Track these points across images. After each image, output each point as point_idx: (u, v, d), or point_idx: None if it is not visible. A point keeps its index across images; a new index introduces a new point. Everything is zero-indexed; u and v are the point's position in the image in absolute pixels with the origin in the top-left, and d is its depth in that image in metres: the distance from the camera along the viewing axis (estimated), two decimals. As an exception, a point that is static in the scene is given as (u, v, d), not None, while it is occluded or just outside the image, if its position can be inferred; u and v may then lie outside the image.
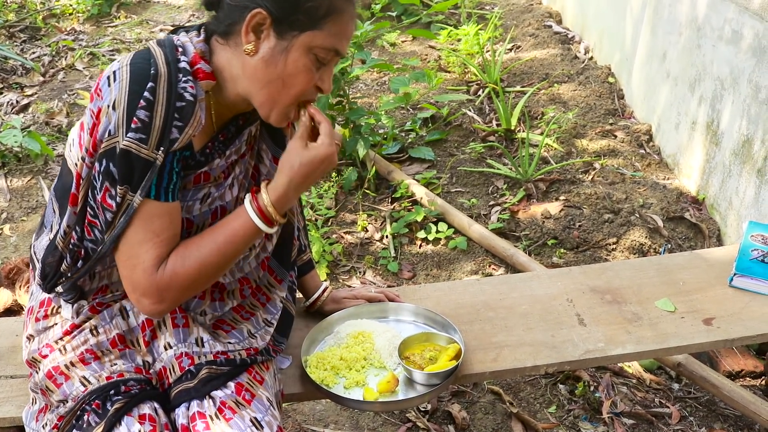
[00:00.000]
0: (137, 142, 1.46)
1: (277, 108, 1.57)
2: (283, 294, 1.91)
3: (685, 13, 3.91)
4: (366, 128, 4.05)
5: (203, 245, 1.60)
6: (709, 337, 2.01)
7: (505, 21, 6.37)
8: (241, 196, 1.72)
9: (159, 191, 1.52)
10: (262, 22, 1.48)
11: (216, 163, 1.64)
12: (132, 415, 1.55)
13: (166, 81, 1.48)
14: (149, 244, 1.54)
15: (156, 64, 1.49)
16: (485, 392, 2.80)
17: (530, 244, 3.52)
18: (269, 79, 1.53)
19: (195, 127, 1.52)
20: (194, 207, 1.64)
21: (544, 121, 4.57)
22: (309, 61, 1.52)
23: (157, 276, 1.55)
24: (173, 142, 1.49)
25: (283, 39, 1.50)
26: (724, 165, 3.50)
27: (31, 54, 6.35)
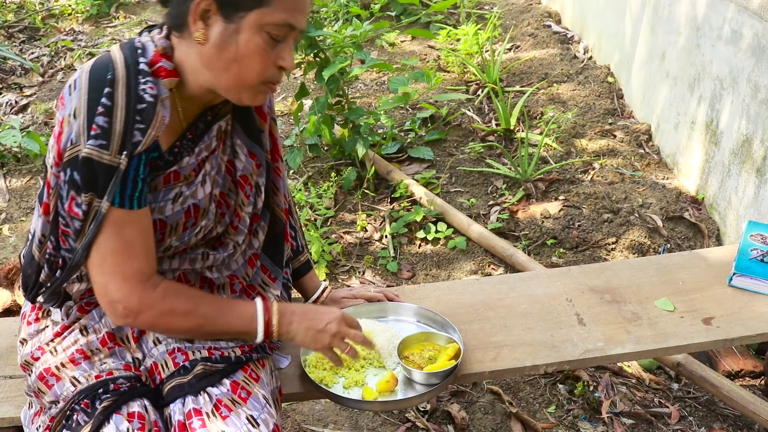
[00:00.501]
0: (98, 148, 1.46)
1: (244, 91, 1.55)
2: (277, 292, 1.91)
3: (685, 12, 3.91)
4: (365, 128, 4.05)
5: (204, 301, 1.65)
6: (708, 337, 2.01)
7: (504, 21, 6.37)
8: (215, 192, 1.71)
9: (123, 199, 1.52)
10: (207, 8, 1.46)
11: (185, 161, 1.63)
12: (121, 413, 1.55)
13: (125, 84, 1.47)
14: (124, 255, 1.55)
15: (114, 68, 1.49)
16: (484, 392, 2.79)
17: (529, 244, 3.52)
18: (225, 65, 1.50)
19: (157, 127, 1.51)
20: (166, 207, 1.63)
21: (543, 120, 4.57)
22: (262, 40, 1.49)
23: (142, 291, 1.57)
24: (136, 145, 1.48)
25: (231, 21, 1.47)
26: (723, 165, 3.50)
27: (30, 54, 6.35)
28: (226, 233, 1.80)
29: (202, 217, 1.70)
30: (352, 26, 3.83)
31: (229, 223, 1.79)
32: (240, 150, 1.75)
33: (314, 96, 4.31)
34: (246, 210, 1.79)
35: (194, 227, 1.69)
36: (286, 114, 5.05)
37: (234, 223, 1.79)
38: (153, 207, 1.60)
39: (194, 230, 1.69)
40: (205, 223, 1.71)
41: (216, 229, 1.76)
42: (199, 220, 1.69)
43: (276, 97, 5.40)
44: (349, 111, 3.97)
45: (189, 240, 1.70)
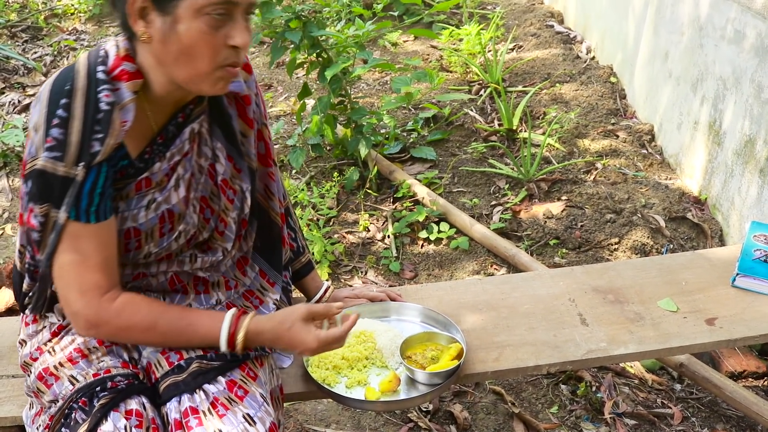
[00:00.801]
0: (52, 160, 1.46)
1: (202, 80, 1.51)
2: (277, 296, 1.91)
3: (688, 12, 3.91)
4: (368, 128, 4.04)
5: (166, 315, 1.64)
6: (711, 338, 2.00)
7: (506, 21, 6.37)
8: (193, 196, 1.69)
9: (79, 213, 1.52)
10: (143, 5, 1.44)
11: (157, 167, 1.62)
12: (119, 410, 1.54)
13: (84, 94, 1.48)
14: (81, 268, 1.56)
15: (75, 78, 1.49)
16: (487, 392, 2.79)
17: (532, 244, 3.52)
18: (174, 58, 1.47)
19: (116, 135, 1.50)
20: (139, 215, 1.62)
21: (545, 121, 4.57)
22: (203, 24, 1.44)
23: (99, 304, 1.58)
24: (95, 156, 1.48)
25: (167, 14, 1.43)
26: (726, 165, 3.50)
27: (33, 54, 6.35)
28: (213, 239, 1.78)
29: (179, 221, 1.68)
30: (355, 26, 3.83)
31: (215, 228, 1.77)
32: (221, 153, 1.72)
33: (317, 96, 4.32)
34: (231, 215, 1.77)
35: (172, 232, 1.68)
36: (288, 114, 5.05)
37: (219, 229, 1.77)
38: (126, 215, 1.61)
39: (172, 235, 1.68)
40: (184, 228, 1.69)
41: (201, 234, 1.75)
42: (176, 225, 1.68)
43: (279, 97, 5.40)
44: (352, 111, 3.96)
45: (170, 245, 1.69)
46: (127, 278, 1.73)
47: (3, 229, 3.92)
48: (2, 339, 2.12)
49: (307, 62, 3.98)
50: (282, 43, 3.82)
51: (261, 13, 3.63)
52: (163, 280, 1.76)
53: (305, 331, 1.63)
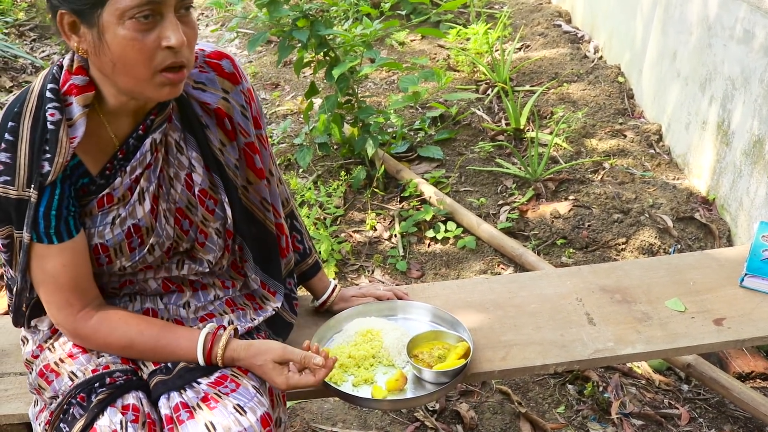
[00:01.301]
0: (3, 185, 1.49)
1: (144, 87, 1.47)
2: (277, 304, 1.90)
3: (696, 12, 3.89)
4: (375, 127, 4.04)
5: (143, 335, 1.65)
6: (719, 338, 1.99)
7: (514, 20, 6.36)
8: (160, 209, 1.66)
9: (39, 235, 1.54)
10: (71, 20, 1.41)
11: (117, 182, 1.60)
12: (115, 405, 1.55)
13: (31, 116, 1.48)
14: (51, 287, 1.60)
15: (26, 100, 1.50)
16: (494, 392, 2.79)
17: (539, 244, 3.51)
18: (111, 69, 1.44)
19: (64, 153, 1.49)
20: (105, 232, 1.62)
21: (553, 120, 4.56)
22: (128, 30, 1.38)
23: (74, 321, 1.63)
24: (46, 176, 1.49)
25: (92, 25, 1.40)
26: (734, 165, 3.49)
27: (41, 53, 6.37)
28: (194, 249, 1.75)
29: (149, 235, 1.66)
30: (362, 25, 3.83)
31: (195, 239, 1.74)
32: (197, 163, 1.68)
33: (324, 95, 4.31)
34: (213, 226, 1.73)
35: (142, 246, 1.66)
36: (295, 113, 5.05)
37: (200, 240, 1.73)
38: (92, 231, 1.61)
39: (143, 249, 1.67)
40: (156, 241, 1.67)
41: (181, 245, 1.73)
42: (147, 239, 1.66)
43: (286, 96, 5.40)
44: (359, 110, 3.96)
45: (144, 258, 1.68)
46: (114, 284, 1.74)
47: (11, 226, 3.93)
48: (9, 337, 2.13)
49: (314, 61, 3.98)
50: (289, 42, 3.82)
51: (268, 11, 3.63)
52: (156, 286, 1.76)
53: (275, 373, 1.62)
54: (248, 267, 1.85)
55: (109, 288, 1.74)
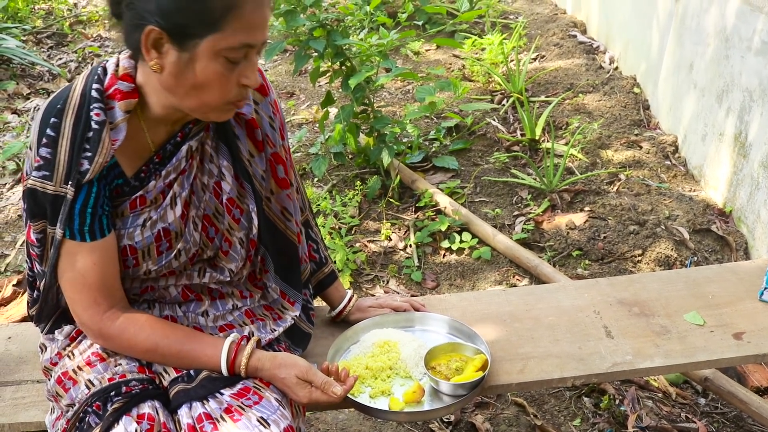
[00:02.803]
0: (41, 179, 1.49)
1: (209, 111, 1.52)
2: (296, 313, 1.90)
3: (713, 23, 3.88)
4: (390, 137, 4.04)
5: (168, 339, 1.65)
6: (739, 352, 1.98)
7: (529, 30, 6.36)
8: (193, 215, 1.69)
9: (73, 232, 1.54)
10: (159, 37, 1.40)
11: (151, 185, 1.62)
12: (131, 414, 1.55)
13: (74, 114, 1.49)
14: (79, 285, 1.59)
15: (68, 97, 1.50)
16: (509, 404, 2.78)
17: (555, 255, 3.50)
18: (185, 91, 1.47)
19: (104, 154, 1.51)
20: (135, 233, 1.63)
21: (568, 131, 4.55)
22: (219, 65, 1.43)
23: (100, 321, 1.62)
24: (84, 174, 1.50)
25: (184, 50, 1.42)
26: (752, 177, 3.47)
27: (58, 60, 6.42)
28: (217, 258, 1.77)
29: (177, 240, 1.67)
30: (379, 35, 3.83)
31: (219, 247, 1.75)
32: (227, 172, 1.70)
33: (340, 104, 4.32)
34: (237, 235, 1.74)
35: (170, 250, 1.68)
36: (311, 122, 5.06)
37: (224, 248, 1.75)
38: (123, 233, 1.62)
39: (171, 253, 1.68)
40: (183, 246, 1.68)
41: (205, 253, 1.74)
42: (175, 244, 1.68)
43: (301, 105, 5.42)
44: (375, 120, 3.97)
45: (169, 263, 1.69)
46: (135, 291, 1.75)
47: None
48: (27, 344, 2.14)
49: (330, 71, 3.99)
50: (305, 52, 3.83)
51: (285, 21, 3.64)
52: (176, 294, 1.77)
53: (298, 387, 1.64)
54: (268, 277, 1.86)
55: (130, 294, 1.74)
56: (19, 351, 2.11)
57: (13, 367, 2.04)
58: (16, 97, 5.67)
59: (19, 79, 5.95)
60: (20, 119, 5.26)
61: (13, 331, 2.20)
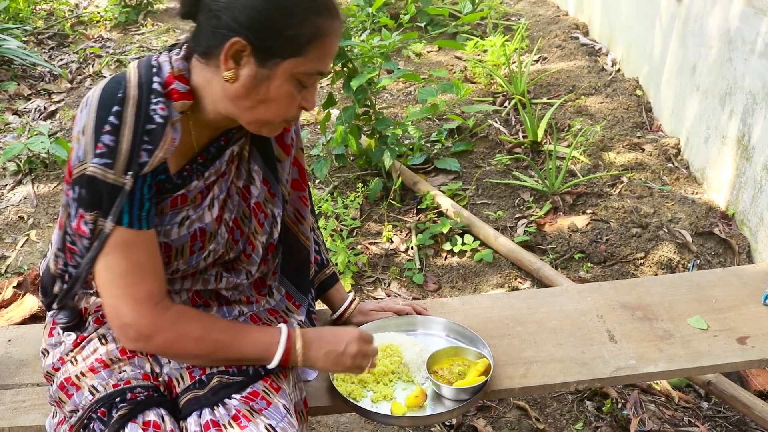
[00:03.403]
0: (102, 167, 1.45)
1: (264, 126, 1.57)
2: (302, 318, 1.90)
3: (716, 26, 3.87)
4: (392, 139, 4.03)
5: (218, 325, 1.64)
6: (743, 357, 1.97)
7: (531, 32, 6.35)
8: (226, 217, 1.70)
9: (132, 219, 1.51)
10: (241, 50, 1.45)
11: (194, 185, 1.62)
12: (136, 421, 1.53)
13: (135, 104, 1.47)
14: (134, 277, 1.54)
15: (126, 87, 1.48)
16: (511, 407, 2.76)
17: (557, 258, 3.49)
18: (252, 104, 1.51)
19: (165, 149, 1.50)
20: (172, 231, 1.62)
21: (571, 133, 4.54)
22: (292, 86, 1.50)
23: (154, 314, 1.56)
24: (143, 166, 1.48)
25: (264, 67, 1.47)
26: (755, 180, 3.45)
27: (59, 61, 6.41)
28: (239, 260, 1.78)
29: (210, 240, 1.68)
30: (381, 36, 3.82)
31: (242, 250, 1.77)
32: (257, 176, 1.73)
33: (342, 106, 4.31)
34: (260, 239, 1.77)
35: (202, 251, 1.68)
36: (312, 123, 5.05)
37: (247, 251, 1.77)
38: (159, 230, 1.60)
39: (202, 254, 1.68)
40: (214, 247, 1.69)
41: (228, 255, 1.75)
42: (207, 244, 1.68)
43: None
44: (377, 121, 3.96)
45: (198, 264, 1.69)
46: None
47: (27, 235, 3.94)
48: (27, 347, 2.12)
49: (332, 72, 3.98)
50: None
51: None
52: (186, 298, 1.75)
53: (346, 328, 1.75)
54: (276, 278, 1.88)
55: None
56: (20, 354, 2.10)
57: (13, 370, 2.03)
58: (17, 98, 5.67)
59: (20, 80, 5.94)
60: (21, 120, 5.25)
61: (13, 334, 2.19)
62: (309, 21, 1.45)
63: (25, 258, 3.76)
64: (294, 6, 1.44)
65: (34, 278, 3.29)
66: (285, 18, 1.43)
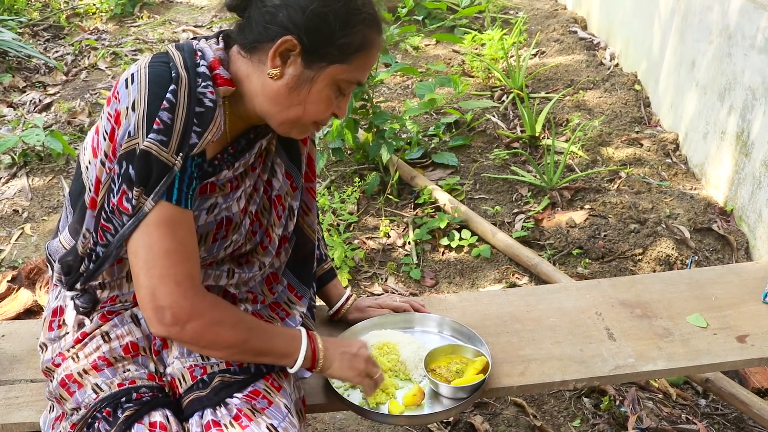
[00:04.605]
0: (158, 144, 1.43)
1: (295, 127, 1.59)
2: (303, 309, 1.89)
3: (716, 21, 3.85)
4: (390, 133, 4.01)
5: (249, 317, 1.65)
6: (743, 355, 1.95)
7: (529, 26, 6.32)
8: (251, 209, 1.71)
9: (180, 196, 1.49)
10: (291, 49, 1.47)
11: (223, 174, 1.62)
12: (143, 422, 1.52)
13: (186, 85, 1.46)
14: (177, 256, 1.50)
15: (176, 67, 1.47)
16: (508, 404, 2.75)
17: (555, 254, 3.47)
18: (290, 104, 1.53)
19: (214, 132, 1.50)
20: (200, 217, 1.61)
21: (569, 128, 4.52)
22: (332, 92, 1.53)
23: (194, 296, 1.52)
24: (192, 147, 1.47)
25: (309, 69, 1.49)
26: (754, 176, 3.44)
27: (54, 53, 6.37)
28: (254, 252, 1.79)
29: (234, 231, 1.68)
30: (378, 30, 3.79)
31: (259, 242, 1.78)
32: (278, 169, 1.76)
33: (338, 99, 4.28)
34: (277, 231, 1.79)
35: (225, 240, 1.67)
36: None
37: (264, 243, 1.79)
38: None
39: (224, 243, 1.68)
40: (236, 238, 1.69)
41: (245, 246, 1.75)
42: (230, 234, 1.68)
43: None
44: (374, 115, 3.93)
45: (218, 253, 1.68)
46: None
47: (22, 228, 3.91)
48: (21, 342, 2.10)
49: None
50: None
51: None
52: None
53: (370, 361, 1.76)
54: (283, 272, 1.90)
55: None
56: (13, 349, 2.07)
57: (6, 366, 2.01)
58: (12, 90, 5.63)
59: (15, 72, 5.91)
60: (16, 112, 5.22)
61: (6, 329, 2.17)
62: (361, 32, 1.49)
63: (20, 252, 3.73)
64: (351, 15, 1.48)
65: (28, 272, 3.27)
66: (341, 25, 1.47)
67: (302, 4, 1.45)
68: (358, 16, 1.48)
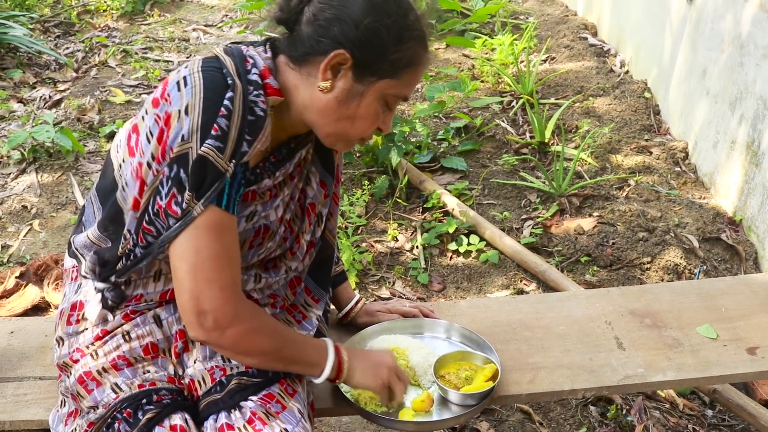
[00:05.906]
0: (215, 150, 1.43)
1: (343, 141, 1.61)
2: (320, 312, 1.90)
3: (728, 30, 3.84)
4: (399, 136, 4.01)
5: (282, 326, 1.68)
6: (753, 368, 1.95)
7: (539, 32, 6.32)
8: (286, 217, 1.72)
9: (230, 202, 1.50)
10: (343, 63, 1.47)
11: (264, 183, 1.62)
12: (163, 425, 1.53)
13: (241, 94, 1.46)
14: (223, 261, 1.50)
15: (230, 74, 1.47)
16: (514, 411, 2.74)
17: (563, 261, 3.47)
18: (339, 117, 1.53)
19: (263, 142, 1.50)
20: (240, 224, 1.60)
21: (578, 134, 4.51)
22: (379, 106, 1.54)
23: (237, 301, 1.53)
24: (243, 155, 1.47)
25: (360, 83, 1.50)
26: (764, 186, 3.43)
27: (65, 49, 6.39)
28: (282, 257, 1.79)
29: (270, 238, 1.69)
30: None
31: (289, 248, 1.79)
32: (313, 177, 1.77)
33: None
34: (305, 237, 1.80)
35: (260, 247, 1.69)
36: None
37: (293, 249, 1.79)
38: None
39: (259, 250, 1.69)
40: (270, 245, 1.71)
41: (275, 252, 1.76)
42: (266, 242, 1.69)
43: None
44: (384, 118, 3.92)
45: (251, 260, 1.70)
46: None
47: (30, 224, 3.92)
48: (29, 339, 2.10)
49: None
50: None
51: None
52: None
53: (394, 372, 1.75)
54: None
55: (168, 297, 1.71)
56: (22, 346, 2.07)
57: (15, 362, 2.01)
58: (22, 86, 5.64)
59: (25, 68, 5.92)
60: (26, 108, 5.23)
61: (15, 326, 2.17)
62: (412, 48, 1.51)
63: (28, 248, 3.74)
64: (404, 31, 1.50)
65: (36, 269, 3.27)
66: (393, 41, 1.48)
67: (356, 18, 1.45)
68: (410, 32, 1.51)
